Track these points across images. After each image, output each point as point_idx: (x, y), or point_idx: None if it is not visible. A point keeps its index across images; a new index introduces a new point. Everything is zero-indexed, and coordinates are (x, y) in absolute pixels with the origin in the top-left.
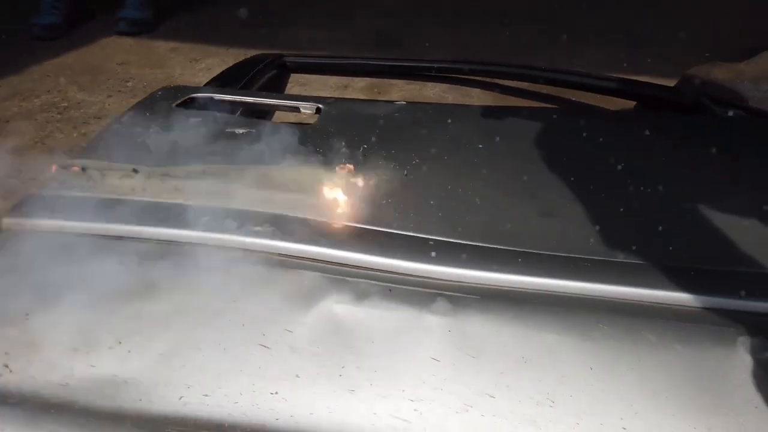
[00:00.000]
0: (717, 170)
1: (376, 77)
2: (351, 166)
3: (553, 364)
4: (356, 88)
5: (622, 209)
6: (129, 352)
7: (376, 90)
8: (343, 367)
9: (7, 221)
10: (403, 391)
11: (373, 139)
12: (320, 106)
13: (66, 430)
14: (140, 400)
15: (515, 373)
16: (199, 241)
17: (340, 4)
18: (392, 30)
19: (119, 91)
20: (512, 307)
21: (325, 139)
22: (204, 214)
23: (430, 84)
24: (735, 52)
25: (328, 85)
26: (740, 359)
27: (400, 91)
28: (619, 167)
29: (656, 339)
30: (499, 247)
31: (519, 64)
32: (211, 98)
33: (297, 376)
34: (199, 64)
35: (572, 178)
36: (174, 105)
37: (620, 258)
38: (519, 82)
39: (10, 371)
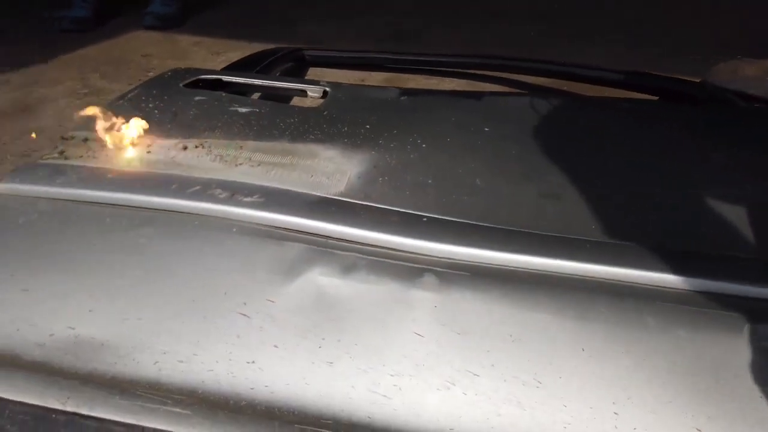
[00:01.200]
0: (727, 158)
1: (395, 72)
2: (348, 145)
3: (543, 345)
4: (373, 82)
5: (626, 194)
6: (108, 315)
7: (393, 85)
8: (323, 339)
9: (4, 186)
10: (383, 365)
11: (375, 120)
12: (327, 89)
13: (40, 388)
14: (115, 363)
15: (501, 352)
16: (188, 210)
17: (357, 5)
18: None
19: (140, 80)
20: (503, 285)
21: (327, 119)
22: (195, 185)
23: (448, 79)
24: (736, 51)
25: (346, 80)
26: (744, 347)
27: (418, 86)
28: (623, 153)
29: (656, 323)
30: (493, 225)
31: (540, 59)
32: (219, 80)
33: (275, 346)
34: (220, 57)
35: (575, 163)
36: (181, 84)
37: (622, 240)
38: (541, 78)
39: None
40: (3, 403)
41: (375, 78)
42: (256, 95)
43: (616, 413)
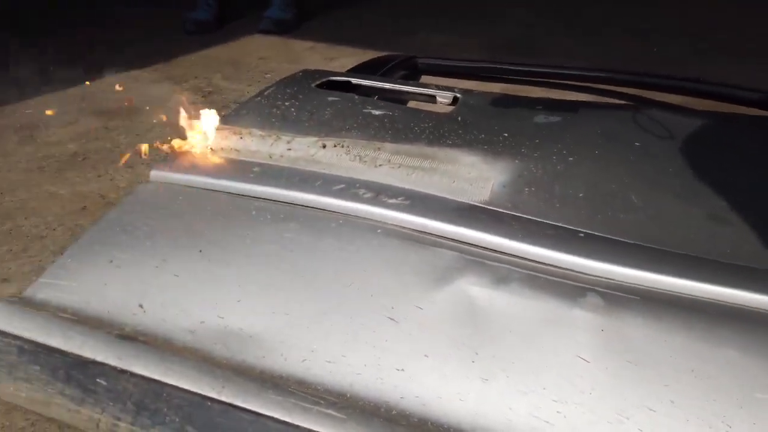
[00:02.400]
0: None
1: (511, 83)
2: (488, 152)
3: (732, 384)
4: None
5: None
6: (256, 308)
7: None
8: (476, 354)
9: (155, 173)
10: (545, 389)
11: (514, 128)
12: (458, 95)
13: (193, 372)
14: (264, 357)
15: (683, 388)
16: (332, 208)
17: (474, 15)
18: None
19: (258, 81)
20: (681, 313)
21: (462, 125)
22: (339, 183)
23: (569, 92)
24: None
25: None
26: None
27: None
28: None
29: None
30: (660, 247)
31: (675, 76)
32: (349, 82)
33: (426, 355)
34: (333, 62)
35: (746, 184)
36: (313, 85)
37: None
38: (675, 96)
39: (144, 312)
40: (160, 386)
41: (489, 89)
42: (378, 97)
43: None
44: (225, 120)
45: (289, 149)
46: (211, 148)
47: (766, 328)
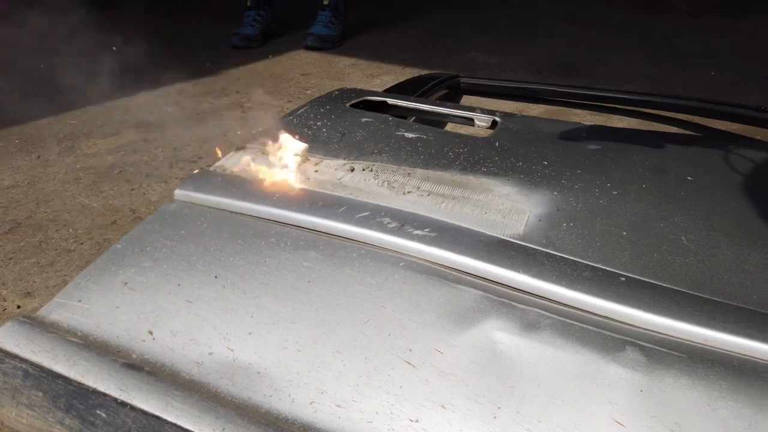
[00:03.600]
0: None
1: (555, 105)
2: (524, 182)
3: None
4: (531, 115)
5: None
6: (267, 341)
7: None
8: (498, 408)
9: (179, 192)
10: None
11: (554, 156)
12: (497, 119)
13: (194, 411)
14: (271, 396)
15: None
16: (355, 237)
17: (519, 34)
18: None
19: (298, 97)
20: (734, 376)
21: (499, 151)
22: (363, 210)
23: (616, 116)
24: None
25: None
26: None
27: (582, 121)
28: None
29: None
30: (714, 298)
31: (727, 102)
32: (385, 102)
33: (443, 406)
34: (374, 80)
35: None
36: (348, 105)
37: None
38: (726, 123)
39: (153, 339)
40: (159, 423)
41: (532, 111)
42: (415, 118)
43: None
44: (257, 139)
45: (316, 171)
46: (238, 168)
47: None
